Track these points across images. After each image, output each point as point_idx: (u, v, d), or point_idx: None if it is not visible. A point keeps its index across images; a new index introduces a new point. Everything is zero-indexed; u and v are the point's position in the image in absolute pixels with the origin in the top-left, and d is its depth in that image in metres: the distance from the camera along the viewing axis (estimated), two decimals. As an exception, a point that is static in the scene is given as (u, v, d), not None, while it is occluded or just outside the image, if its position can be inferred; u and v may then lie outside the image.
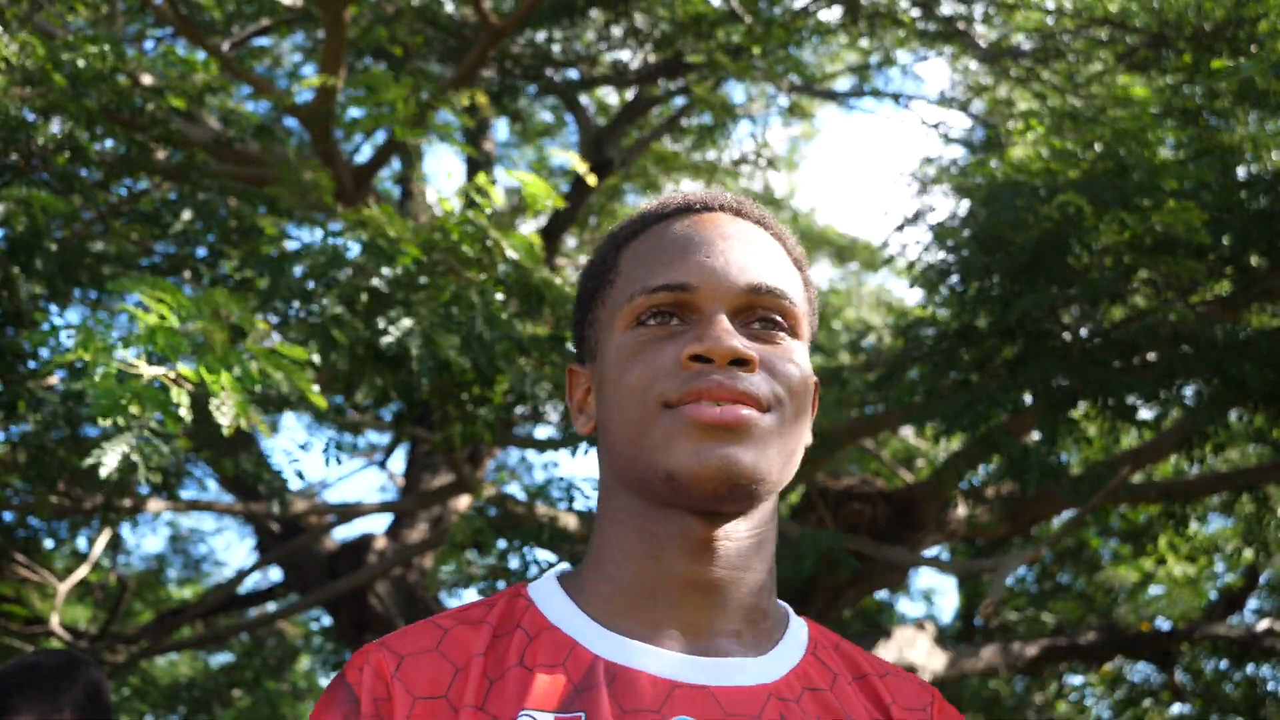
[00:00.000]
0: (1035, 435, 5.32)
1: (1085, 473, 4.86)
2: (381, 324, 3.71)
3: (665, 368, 1.17)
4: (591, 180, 4.74)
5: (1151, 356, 4.70)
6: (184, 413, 2.83)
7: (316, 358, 3.43)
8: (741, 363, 1.17)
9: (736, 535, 1.19)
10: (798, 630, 1.26)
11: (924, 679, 1.26)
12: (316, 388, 3.14)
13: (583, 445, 4.73)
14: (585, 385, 1.31)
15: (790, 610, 1.29)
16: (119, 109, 5.08)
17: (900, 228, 5.68)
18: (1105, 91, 6.16)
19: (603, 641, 1.17)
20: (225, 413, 2.93)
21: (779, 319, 1.23)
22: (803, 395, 1.22)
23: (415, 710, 1.12)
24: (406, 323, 3.69)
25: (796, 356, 1.23)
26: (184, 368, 2.85)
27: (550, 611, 1.21)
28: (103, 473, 3.08)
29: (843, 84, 8.97)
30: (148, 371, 2.77)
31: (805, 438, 1.25)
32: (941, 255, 5.17)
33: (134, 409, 2.75)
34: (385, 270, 3.73)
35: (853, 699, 1.21)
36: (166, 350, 2.86)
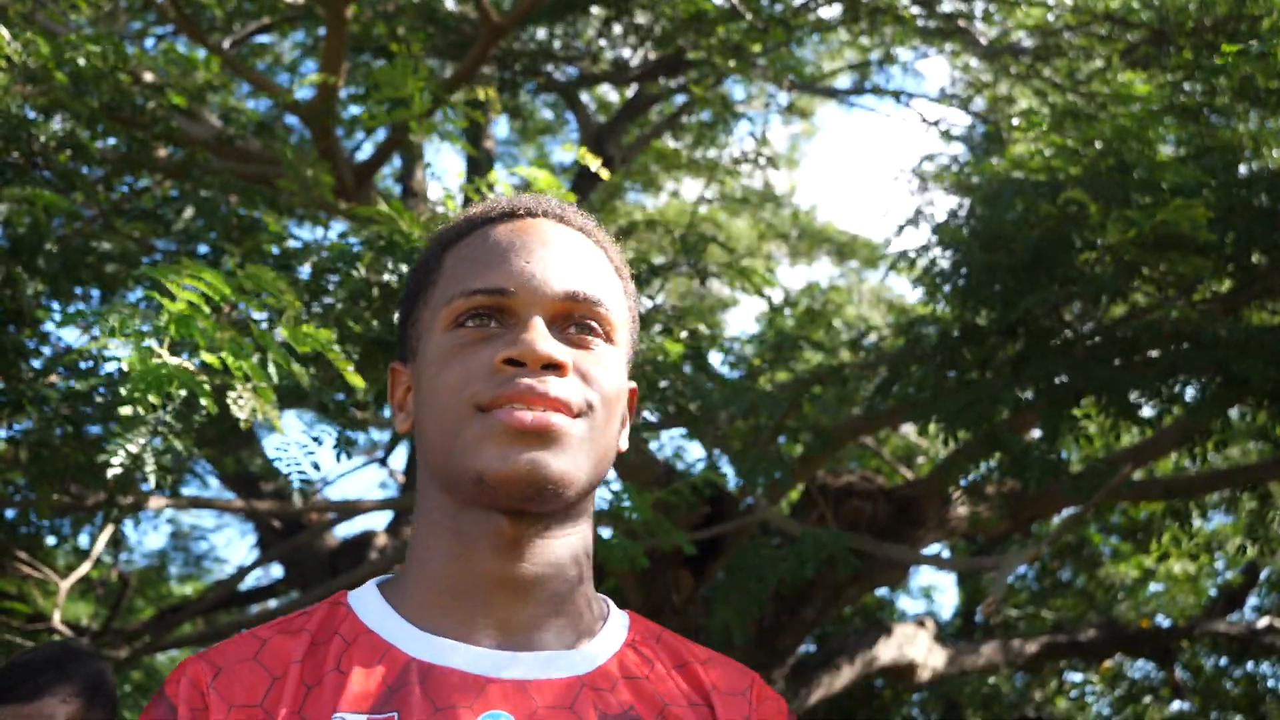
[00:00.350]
0: (1036, 433, 5.33)
1: (1086, 470, 4.86)
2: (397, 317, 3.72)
3: (479, 371, 1.20)
4: (604, 174, 4.75)
5: (1153, 354, 4.71)
6: (205, 401, 2.83)
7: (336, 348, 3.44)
8: (553, 367, 1.19)
9: (547, 534, 1.22)
10: (617, 622, 1.29)
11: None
12: (348, 370, 3.14)
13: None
14: (405, 384, 1.33)
15: (611, 603, 1.32)
16: (120, 107, 5.09)
17: (900, 230, 5.69)
18: (1106, 89, 6.16)
19: (417, 642, 1.19)
20: (244, 406, 2.94)
21: (595, 326, 1.25)
22: (615, 401, 1.25)
23: (231, 718, 1.14)
24: None
25: (610, 363, 1.25)
26: (208, 356, 2.85)
27: (367, 617, 1.23)
28: (110, 472, 3.09)
29: (843, 81, 8.97)
30: (170, 360, 2.78)
31: (618, 443, 1.28)
32: (942, 253, 5.17)
33: (172, 388, 2.75)
34: (402, 266, 3.73)
35: (671, 686, 1.24)
36: (197, 336, 2.86)
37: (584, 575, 1.27)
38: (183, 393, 2.85)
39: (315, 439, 3.89)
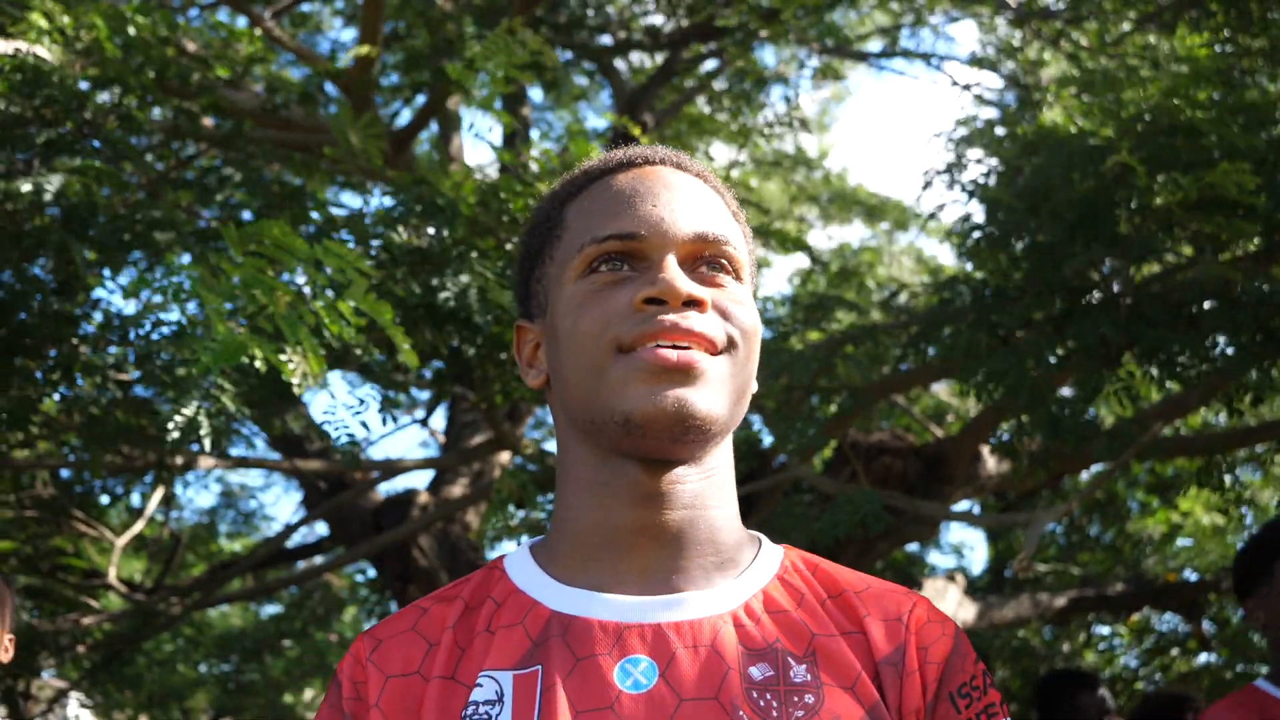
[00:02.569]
0: (1066, 391, 5.40)
1: (1117, 428, 4.92)
2: (436, 282, 3.82)
3: (619, 312, 1.20)
4: (642, 140, 4.83)
5: (1194, 311, 4.75)
6: (259, 364, 2.96)
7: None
8: (694, 304, 1.20)
9: (686, 480, 1.22)
10: (767, 558, 1.28)
11: (950, 618, 1.33)
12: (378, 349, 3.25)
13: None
14: (534, 341, 1.32)
15: (763, 539, 1.31)
16: (168, 78, 5.21)
17: (928, 184, 5.72)
18: (1141, 50, 6.16)
19: (560, 597, 1.22)
20: (296, 370, 3.06)
21: (725, 264, 1.26)
22: (752, 338, 1.25)
23: (388, 687, 1.19)
24: (464, 279, 3.80)
25: (745, 299, 1.26)
26: (263, 320, 2.97)
27: (517, 577, 1.26)
28: (169, 436, 3.23)
29: (874, 45, 9.00)
30: (244, 329, 2.90)
31: (753, 380, 1.27)
32: (976, 208, 5.21)
33: (253, 353, 2.87)
34: (443, 231, 3.82)
35: (822, 616, 1.23)
36: (263, 298, 2.97)
37: (727, 515, 1.27)
38: (257, 361, 2.96)
39: (361, 400, 4.00)
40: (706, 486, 1.24)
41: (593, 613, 1.19)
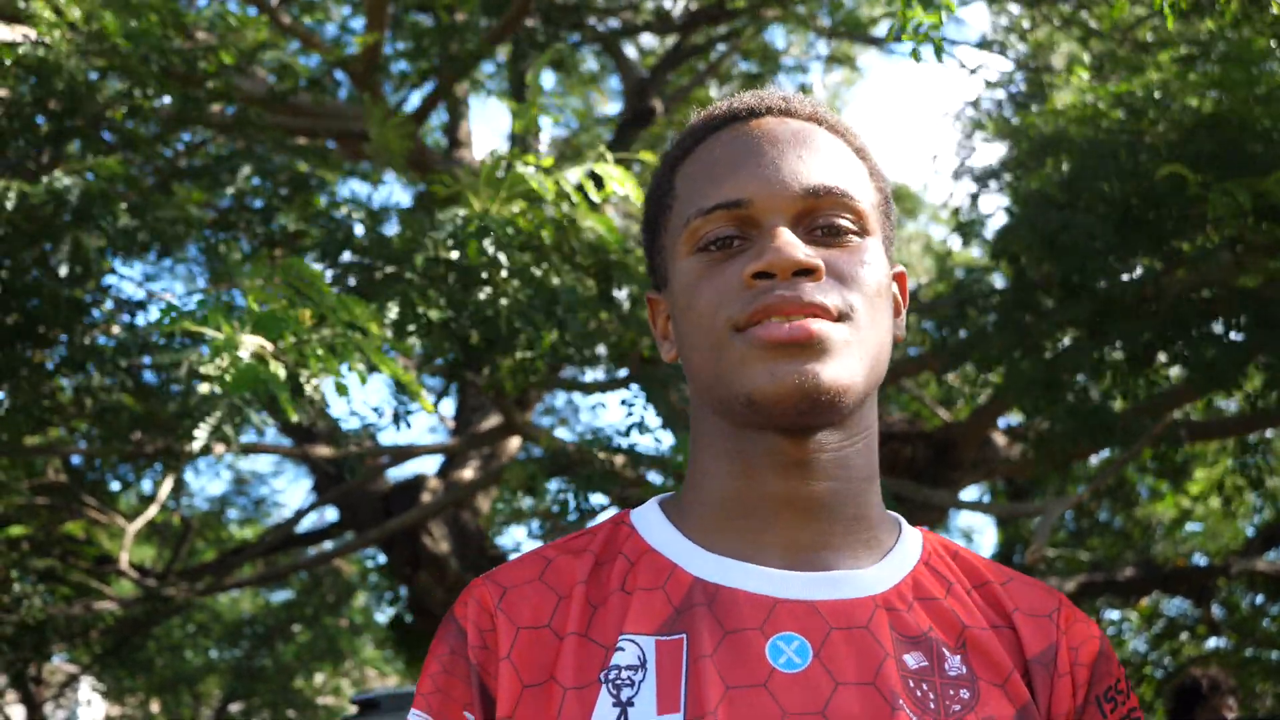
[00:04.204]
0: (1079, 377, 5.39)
1: (1132, 418, 4.91)
2: (482, 295, 3.82)
3: (730, 290, 1.14)
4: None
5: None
6: (282, 399, 2.97)
7: (394, 313, 3.55)
8: (807, 273, 1.13)
9: (829, 446, 1.16)
10: (910, 539, 1.22)
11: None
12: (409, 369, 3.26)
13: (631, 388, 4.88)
14: (665, 313, 1.27)
15: (902, 520, 1.25)
16: (175, 66, 5.21)
17: (936, 167, 5.71)
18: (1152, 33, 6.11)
19: (702, 562, 1.16)
20: (315, 388, 3.09)
21: (845, 220, 1.17)
22: (879, 295, 1.17)
23: (519, 639, 1.13)
24: (502, 301, 3.81)
25: (868, 256, 1.17)
26: (285, 343, 2.99)
27: (651, 536, 1.20)
28: (195, 446, 3.25)
29: (883, 29, 8.97)
30: (250, 342, 2.91)
31: (891, 335, 1.20)
32: (991, 198, 5.21)
33: (265, 380, 2.90)
34: (487, 246, 3.79)
35: (971, 607, 1.17)
36: (288, 336, 2.99)
37: (873, 487, 1.20)
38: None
39: (375, 409, 4.00)
40: (852, 453, 1.17)
41: (741, 583, 1.13)
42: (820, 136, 1.21)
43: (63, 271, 4.31)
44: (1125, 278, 4.77)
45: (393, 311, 3.41)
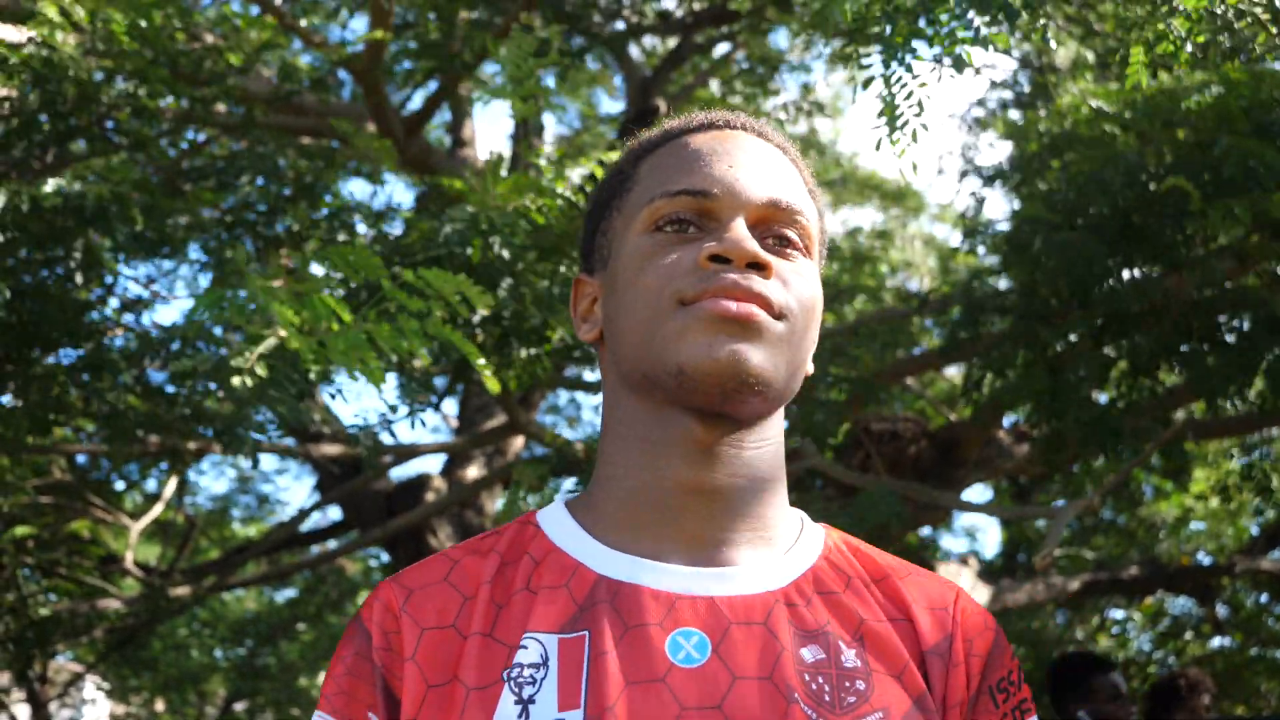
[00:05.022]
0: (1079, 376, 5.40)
1: (1139, 424, 4.91)
2: (501, 292, 3.83)
3: (683, 267, 1.17)
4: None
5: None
6: (313, 375, 2.98)
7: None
8: (759, 267, 1.17)
9: (740, 442, 1.19)
10: (811, 535, 1.25)
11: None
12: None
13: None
14: (591, 295, 1.30)
15: (805, 517, 1.28)
16: (182, 67, 5.21)
17: (963, 175, 5.73)
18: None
19: (606, 560, 1.18)
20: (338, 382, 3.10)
21: (794, 236, 1.23)
22: (811, 313, 1.22)
23: (424, 640, 1.15)
24: (522, 290, 3.82)
25: (808, 274, 1.23)
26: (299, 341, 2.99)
27: (556, 535, 1.22)
28: (244, 457, 3.27)
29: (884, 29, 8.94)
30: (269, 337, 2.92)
31: (809, 359, 1.24)
32: (994, 197, 5.24)
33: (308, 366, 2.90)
34: (496, 246, 3.80)
35: (869, 600, 1.20)
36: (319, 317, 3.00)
37: (778, 489, 1.24)
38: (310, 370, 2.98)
39: (392, 407, 3.99)
40: (759, 456, 1.21)
41: (643, 580, 1.16)
42: (784, 162, 1.28)
43: (78, 279, 4.32)
44: (1128, 286, 4.78)
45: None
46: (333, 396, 3.29)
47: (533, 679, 1.11)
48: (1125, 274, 4.58)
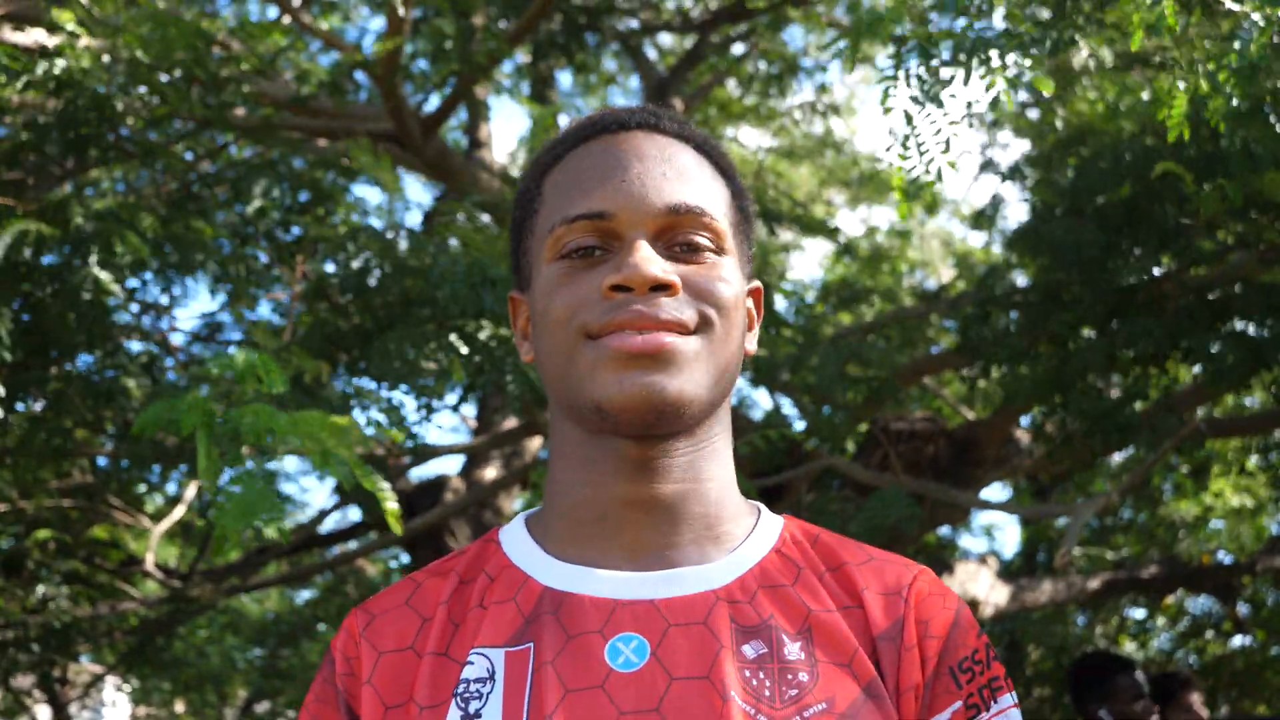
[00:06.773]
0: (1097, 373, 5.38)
1: (1152, 416, 4.89)
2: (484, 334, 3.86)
3: (587, 298, 1.17)
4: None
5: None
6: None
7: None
8: (663, 288, 1.17)
9: (676, 452, 1.20)
10: (765, 530, 1.25)
11: (953, 590, 1.28)
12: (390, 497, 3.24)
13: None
14: (526, 313, 1.30)
15: (763, 509, 1.28)
16: (200, 77, 5.23)
17: (979, 174, 5.73)
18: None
19: (552, 572, 1.20)
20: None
21: (703, 238, 1.21)
22: (733, 310, 1.21)
23: (380, 663, 1.19)
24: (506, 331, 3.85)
25: (724, 273, 1.22)
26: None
27: (512, 551, 1.24)
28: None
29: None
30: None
31: (744, 348, 1.25)
32: (1009, 190, 5.25)
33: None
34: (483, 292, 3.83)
35: (820, 591, 1.20)
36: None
37: (721, 488, 1.24)
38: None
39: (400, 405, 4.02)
40: (699, 458, 1.22)
41: (584, 589, 1.18)
42: (685, 156, 1.25)
43: (99, 280, 4.34)
44: (1135, 276, 4.77)
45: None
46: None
47: (479, 693, 1.14)
48: (1128, 266, 4.57)
